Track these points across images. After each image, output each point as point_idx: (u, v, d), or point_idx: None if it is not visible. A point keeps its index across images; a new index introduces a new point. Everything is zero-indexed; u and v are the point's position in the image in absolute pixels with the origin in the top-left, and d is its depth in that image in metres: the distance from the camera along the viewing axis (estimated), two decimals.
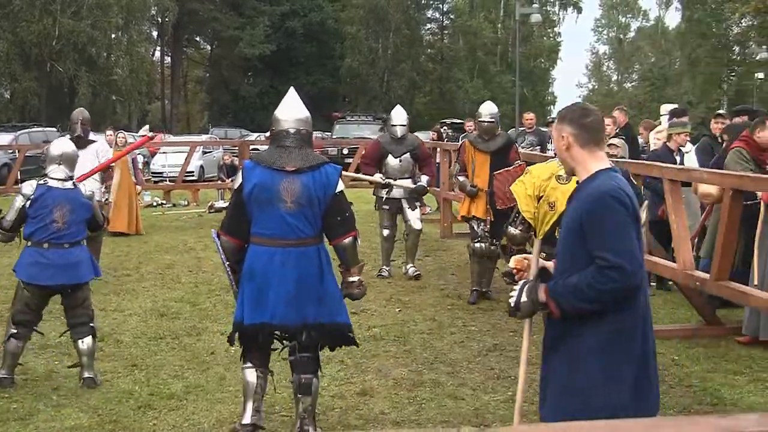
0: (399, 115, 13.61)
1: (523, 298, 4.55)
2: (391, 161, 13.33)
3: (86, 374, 8.32)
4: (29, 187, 8.39)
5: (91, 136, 13.47)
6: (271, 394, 7.76)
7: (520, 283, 4.63)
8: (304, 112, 6.93)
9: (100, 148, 13.34)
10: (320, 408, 7.54)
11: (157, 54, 74.69)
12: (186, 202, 24.99)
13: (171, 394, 7.97)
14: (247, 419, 6.87)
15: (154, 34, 72.31)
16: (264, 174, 6.64)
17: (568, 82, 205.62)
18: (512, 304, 4.62)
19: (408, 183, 13.36)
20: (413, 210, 13.49)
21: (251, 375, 6.88)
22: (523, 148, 15.92)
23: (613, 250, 4.22)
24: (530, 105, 61.69)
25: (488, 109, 12.10)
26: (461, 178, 12.04)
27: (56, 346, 9.40)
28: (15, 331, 8.31)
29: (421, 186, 13.37)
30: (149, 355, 9.29)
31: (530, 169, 7.78)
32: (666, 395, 7.89)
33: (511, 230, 7.72)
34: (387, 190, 13.32)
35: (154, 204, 24.57)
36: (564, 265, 4.46)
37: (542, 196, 7.35)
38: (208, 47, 76.53)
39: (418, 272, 13.35)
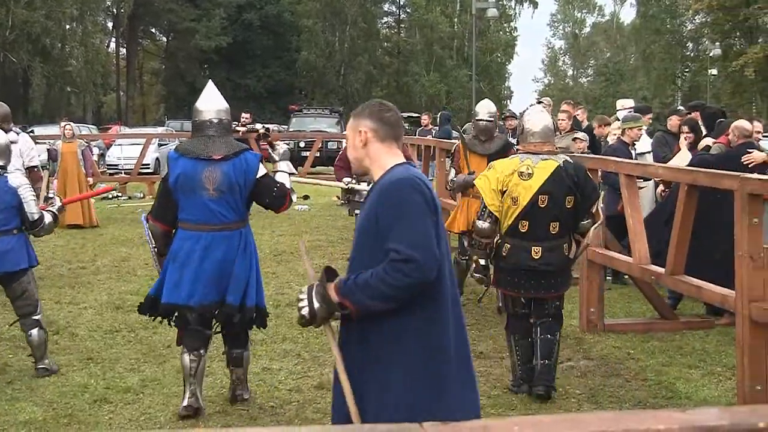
0: None
1: (316, 304, 4.19)
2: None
3: (39, 365, 8.34)
4: None
5: (12, 135, 11.85)
6: (229, 388, 7.74)
7: (304, 289, 4.29)
8: (224, 103, 7.40)
9: (23, 147, 12.17)
10: (277, 402, 7.58)
11: (113, 45, 74.23)
12: (142, 195, 24.85)
13: (127, 388, 7.93)
14: (185, 402, 7.22)
15: (110, 25, 71.81)
16: (187, 164, 7.07)
17: (525, 77, 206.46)
18: (306, 315, 4.23)
19: None
20: None
21: (185, 359, 7.24)
22: None
23: (406, 241, 3.98)
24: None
25: (487, 107, 11.07)
26: (456, 177, 10.98)
27: (10, 339, 9.33)
28: None
29: None
30: (105, 349, 9.24)
31: (493, 164, 7.91)
32: (622, 389, 7.98)
33: (479, 223, 7.76)
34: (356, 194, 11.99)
35: (110, 196, 24.42)
36: (361, 262, 4.18)
37: (506, 191, 7.49)
38: (164, 39, 75.99)
39: None
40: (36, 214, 8.42)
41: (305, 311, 4.23)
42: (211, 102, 7.34)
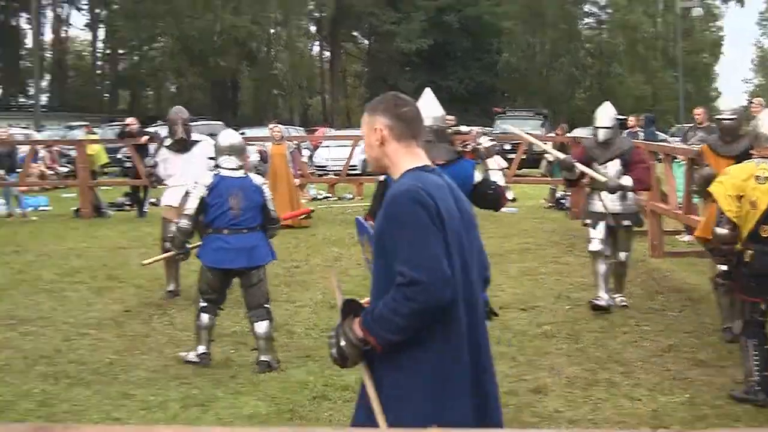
0: (603, 116, 11.19)
1: (342, 342, 3.89)
2: (597, 168, 10.93)
3: (261, 358, 8.67)
4: (207, 177, 8.85)
5: (195, 135, 12.09)
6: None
7: (335, 327, 3.99)
8: (441, 110, 7.56)
9: (207, 150, 11.30)
10: None
11: (316, 49, 75.61)
12: (351, 196, 25.22)
13: (345, 386, 8.04)
14: None
15: (312, 29, 73.21)
16: None
17: (733, 78, 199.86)
18: (336, 355, 3.95)
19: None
20: (624, 230, 11.14)
21: None
22: (693, 144, 15.20)
23: (409, 262, 3.67)
24: (694, 101, 60.38)
25: (728, 105, 10.36)
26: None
27: (231, 335, 9.63)
28: (204, 304, 8.77)
29: (614, 182, 10.64)
30: (322, 347, 9.33)
31: (728, 169, 7.79)
32: None
33: (719, 230, 7.58)
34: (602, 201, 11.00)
35: (319, 197, 24.89)
36: (379, 287, 3.88)
37: (743, 196, 7.32)
38: (366, 42, 77.03)
39: (625, 303, 11.23)
40: (274, 212, 8.99)
41: (334, 351, 3.97)
42: (429, 108, 7.38)
